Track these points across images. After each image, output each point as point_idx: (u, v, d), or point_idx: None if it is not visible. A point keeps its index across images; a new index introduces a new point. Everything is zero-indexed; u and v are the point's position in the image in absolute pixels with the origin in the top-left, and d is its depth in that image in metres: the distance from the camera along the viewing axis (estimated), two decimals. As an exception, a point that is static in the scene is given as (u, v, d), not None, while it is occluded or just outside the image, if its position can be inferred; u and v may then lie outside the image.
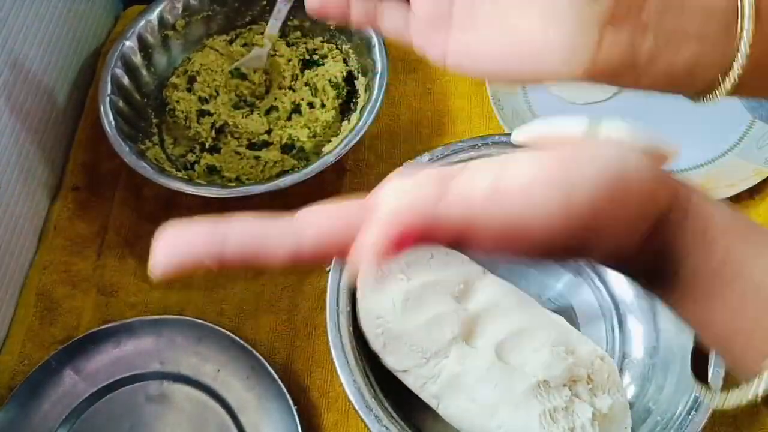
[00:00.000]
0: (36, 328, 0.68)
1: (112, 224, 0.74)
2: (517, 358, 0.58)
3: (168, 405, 0.64)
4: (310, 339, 0.67)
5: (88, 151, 0.77)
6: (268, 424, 0.62)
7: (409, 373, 0.58)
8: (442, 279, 0.60)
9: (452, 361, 0.57)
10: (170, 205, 0.74)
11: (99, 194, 0.75)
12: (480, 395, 0.55)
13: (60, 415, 0.63)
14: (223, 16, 0.81)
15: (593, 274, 0.67)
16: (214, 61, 0.79)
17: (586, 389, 0.57)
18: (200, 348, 0.65)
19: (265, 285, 0.70)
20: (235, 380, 0.64)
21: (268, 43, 0.79)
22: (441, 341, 0.57)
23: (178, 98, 0.77)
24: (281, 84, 0.78)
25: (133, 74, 0.76)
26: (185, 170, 0.74)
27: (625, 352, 0.64)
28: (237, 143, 0.75)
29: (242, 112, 0.77)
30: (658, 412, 0.58)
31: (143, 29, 0.77)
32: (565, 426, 0.55)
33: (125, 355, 0.65)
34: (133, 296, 0.70)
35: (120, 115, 0.72)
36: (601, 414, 0.56)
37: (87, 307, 0.69)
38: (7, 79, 0.67)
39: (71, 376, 0.64)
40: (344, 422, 0.64)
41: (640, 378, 0.62)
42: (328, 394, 0.65)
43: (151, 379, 0.64)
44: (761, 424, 0.63)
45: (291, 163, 0.74)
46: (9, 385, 0.65)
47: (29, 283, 0.71)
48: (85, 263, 0.72)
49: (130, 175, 0.75)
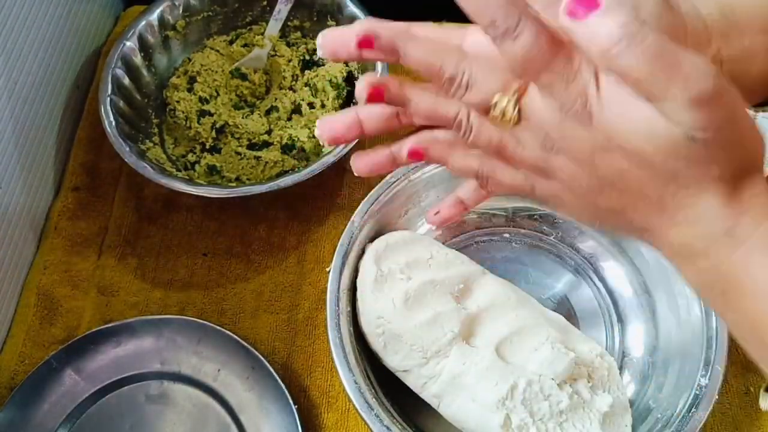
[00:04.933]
0: (36, 328, 0.68)
1: (112, 224, 0.74)
2: (518, 357, 0.58)
3: (168, 405, 0.64)
4: (310, 339, 0.67)
5: (89, 151, 0.78)
6: (268, 424, 0.62)
7: (409, 372, 0.58)
8: (442, 279, 0.60)
9: (453, 361, 0.57)
10: (170, 205, 0.74)
11: (99, 194, 0.76)
12: (481, 394, 0.55)
13: (60, 415, 0.63)
14: (223, 16, 0.81)
15: (592, 274, 0.67)
16: (214, 61, 0.79)
17: (587, 387, 0.57)
18: (200, 348, 0.65)
19: (265, 285, 0.70)
20: (235, 380, 0.64)
21: (268, 43, 0.79)
22: (441, 341, 0.57)
23: (178, 98, 0.77)
24: (281, 84, 0.79)
25: (133, 74, 0.76)
26: (185, 170, 0.74)
27: (625, 351, 0.64)
28: (237, 143, 0.75)
29: (242, 113, 0.77)
30: (659, 410, 0.58)
31: (143, 29, 0.77)
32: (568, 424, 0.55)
33: (125, 355, 0.65)
34: (133, 296, 0.70)
35: (120, 115, 0.72)
36: (602, 412, 0.56)
37: (87, 307, 0.69)
38: (7, 79, 0.67)
39: (71, 376, 0.64)
40: (344, 422, 0.64)
41: (640, 376, 0.62)
42: (328, 394, 0.65)
43: (151, 379, 0.64)
44: (760, 424, 0.63)
45: (291, 163, 0.74)
46: (9, 385, 0.65)
47: (29, 283, 0.71)
48: (86, 263, 0.72)
49: (131, 175, 0.75)
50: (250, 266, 0.71)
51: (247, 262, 0.71)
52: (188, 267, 0.71)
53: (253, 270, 0.71)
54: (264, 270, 0.71)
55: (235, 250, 0.72)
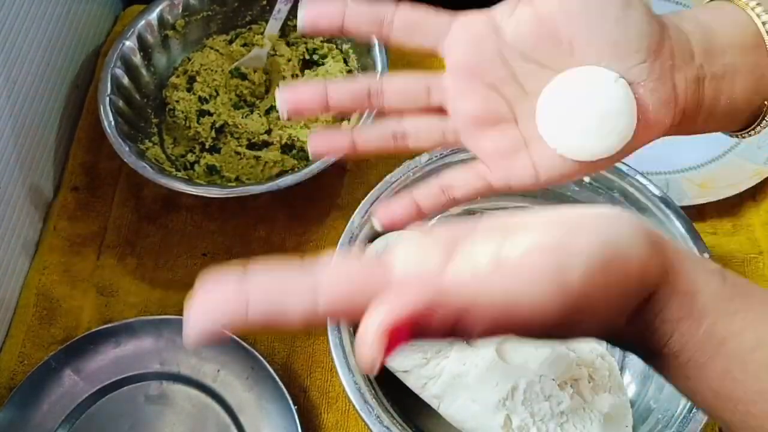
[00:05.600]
0: (36, 328, 0.68)
1: (112, 224, 0.74)
2: (518, 357, 0.57)
3: (168, 405, 0.64)
4: (310, 339, 0.67)
5: (88, 151, 0.77)
6: (268, 424, 0.62)
7: (409, 373, 0.58)
8: (443, 279, 0.60)
9: (453, 361, 0.57)
10: (170, 205, 0.74)
11: (99, 194, 0.75)
12: (481, 395, 0.55)
13: (60, 415, 0.63)
14: (222, 16, 0.81)
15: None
16: (214, 61, 0.79)
17: (587, 388, 0.57)
18: (200, 348, 0.65)
19: (265, 285, 0.70)
20: (235, 380, 0.64)
21: (268, 42, 0.79)
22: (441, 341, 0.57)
23: (178, 98, 0.77)
24: (281, 84, 0.78)
25: (133, 74, 0.76)
26: (185, 170, 0.74)
27: (626, 352, 0.64)
28: (237, 143, 0.75)
29: (242, 112, 0.77)
30: (659, 410, 0.58)
31: (143, 29, 0.77)
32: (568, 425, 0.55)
33: (125, 355, 0.65)
34: (133, 296, 0.70)
35: (120, 115, 0.72)
36: (602, 413, 0.56)
37: (87, 307, 0.69)
38: (7, 79, 0.67)
39: (71, 376, 0.64)
40: (344, 422, 0.64)
41: (640, 376, 0.62)
42: (328, 394, 0.65)
43: (151, 379, 0.64)
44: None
45: (291, 163, 0.74)
46: (9, 385, 0.65)
47: (29, 283, 0.70)
48: (85, 263, 0.72)
49: (130, 175, 0.75)
50: (250, 266, 0.71)
51: (247, 263, 0.71)
52: (188, 267, 0.71)
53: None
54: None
55: (235, 250, 0.72)
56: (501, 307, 0.29)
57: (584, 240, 0.30)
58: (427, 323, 0.28)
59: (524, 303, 0.29)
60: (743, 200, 0.73)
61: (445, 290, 0.29)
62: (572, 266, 0.29)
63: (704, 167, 0.74)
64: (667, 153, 0.74)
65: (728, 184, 0.72)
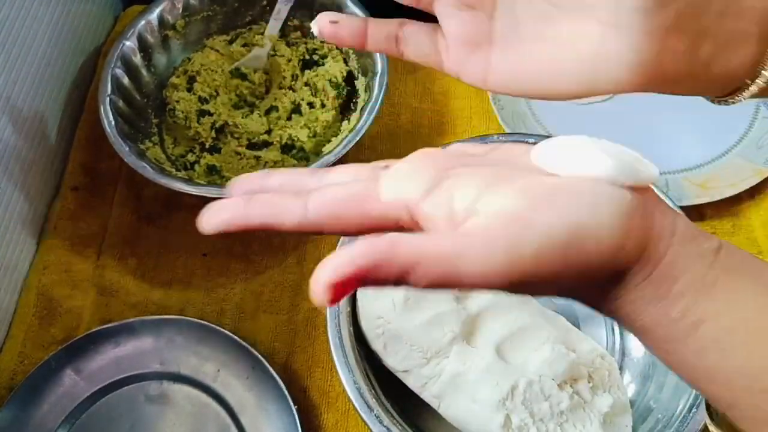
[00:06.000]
0: (36, 328, 0.68)
1: (112, 224, 0.74)
2: (518, 357, 0.58)
3: (168, 405, 0.64)
4: (310, 339, 0.67)
5: (88, 151, 0.78)
6: (268, 424, 0.62)
7: (409, 373, 0.58)
8: (443, 279, 0.60)
9: (453, 361, 0.57)
10: (170, 205, 0.74)
11: (99, 194, 0.75)
12: (481, 395, 0.55)
13: (60, 415, 0.63)
14: (223, 16, 0.81)
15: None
16: (214, 61, 0.79)
17: (587, 388, 0.57)
18: (200, 348, 0.65)
19: (265, 285, 0.70)
20: (235, 380, 0.64)
21: (268, 43, 0.79)
22: (441, 341, 0.57)
23: (178, 98, 0.77)
24: (281, 84, 0.78)
25: (133, 74, 0.76)
26: (185, 170, 0.74)
27: (625, 351, 0.64)
28: (237, 143, 0.75)
29: (242, 112, 0.77)
30: (659, 410, 0.58)
31: (143, 29, 0.77)
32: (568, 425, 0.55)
33: (125, 355, 0.65)
34: (133, 296, 0.70)
35: (120, 115, 0.72)
36: (602, 413, 0.56)
37: (87, 307, 0.69)
38: (7, 79, 0.67)
39: (71, 376, 0.64)
40: (344, 422, 0.64)
41: (640, 376, 0.62)
42: (328, 394, 0.65)
43: (151, 379, 0.64)
44: (761, 423, 0.63)
45: (291, 163, 0.74)
46: (9, 385, 0.65)
47: (29, 283, 0.71)
48: (85, 263, 0.72)
49: (130, 175, 0.75)
50: (250, 266, 0.71)
51: (247, 263, 0.71)
52: (188, 267, 0.71)
53: (253, 270, 0.71)
54: (264, 270, 0.71)
55: (235, 250, 0.72)
56: (446, 269, 0.29)
57: (546, 217, 0.29)
58: (374, 277, 0.29)
59: (469, 268, 0.29)
60: (743, 200, 0.73)
61: (394, 248, 0.29)
62: (526, 242, 0.29)
63: (704, 167, 0.74)
64: (667, 153, 0.75)
65: (728, 184, 0.72)
